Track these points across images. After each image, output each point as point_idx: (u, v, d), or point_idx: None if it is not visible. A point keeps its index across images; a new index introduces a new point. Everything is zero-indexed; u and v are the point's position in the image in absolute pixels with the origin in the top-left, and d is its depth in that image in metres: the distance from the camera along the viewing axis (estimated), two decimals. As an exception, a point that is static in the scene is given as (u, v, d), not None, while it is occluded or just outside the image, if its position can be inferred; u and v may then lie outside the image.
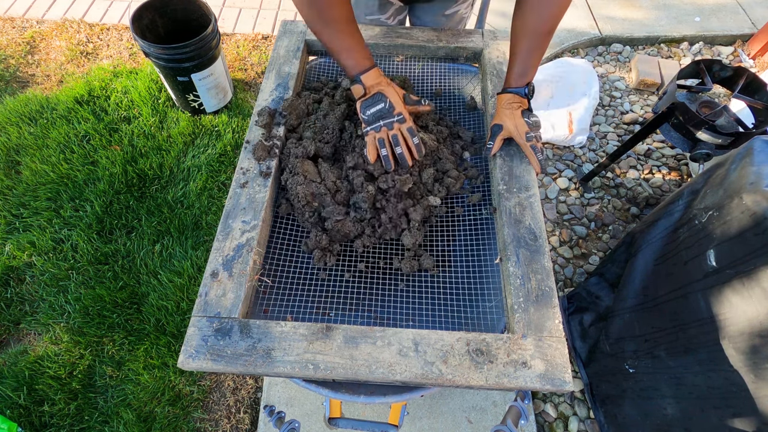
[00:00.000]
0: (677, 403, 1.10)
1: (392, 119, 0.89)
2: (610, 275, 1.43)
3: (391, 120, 0.89)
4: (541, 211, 0.89)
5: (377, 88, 0.91)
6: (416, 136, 0.90)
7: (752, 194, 0.87)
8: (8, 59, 2.46)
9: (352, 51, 0.90)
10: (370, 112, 0.90)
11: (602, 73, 2.42)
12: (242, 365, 0.70)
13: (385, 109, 0.89)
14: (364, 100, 0.91)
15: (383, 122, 0.90)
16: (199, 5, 2.00)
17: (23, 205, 1.87)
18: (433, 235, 0.96)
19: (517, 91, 0.95)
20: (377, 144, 0.90)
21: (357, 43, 0.91)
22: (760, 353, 0.87)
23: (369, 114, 0.90)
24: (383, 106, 0.89)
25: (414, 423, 1.44)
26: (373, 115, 0.90)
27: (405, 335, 0.73)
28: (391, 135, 0.90)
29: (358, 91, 0.92)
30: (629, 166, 2.05)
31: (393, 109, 0.90)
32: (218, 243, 0.84)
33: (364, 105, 0.90)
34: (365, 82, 0.91)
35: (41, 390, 1.46)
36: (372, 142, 0.91)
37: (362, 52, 0.92)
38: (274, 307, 0.85)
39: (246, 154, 0.97)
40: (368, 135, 0.91)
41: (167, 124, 2.15)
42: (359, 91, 0.92)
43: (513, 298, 0.78)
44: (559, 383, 0.69)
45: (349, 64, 0.91)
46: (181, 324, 1.58)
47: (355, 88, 0.92)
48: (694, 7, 2.70)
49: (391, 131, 0.90)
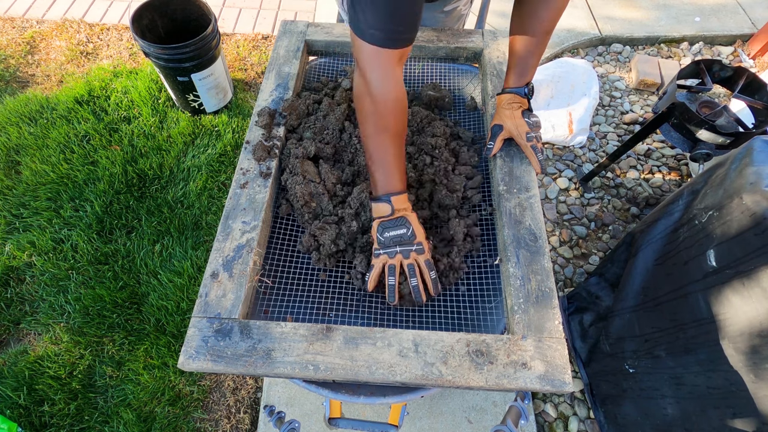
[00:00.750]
0: (677, 403, 1.10)
1: (411, 248, 0.82)
2: (610, 275, 1.43)
3: (410, 249, 0.82)
4: (541, 212, 0.89)
5: (403, 213, 0.84)
6: (434, 271, 0.83)
7: (752, 194, 0.87)
8: (8, 59, 2.46)
9: (393, 168, 0.84)
10: (389, 235, 0.82)
11: (602, 73, 2.42)
12: (242, 366, 0.70)
13: (406, 236, 0.82)
14: (384, 220, 0.84)
15: (400, 248, 0.82)
16: (199, 5, 2.00)
17: (23, 205, 1.87)
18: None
19: (517, 91, 0.95)
20: (386, 270, 0.83)
21: (400, 161, 0.85)
22: (760, 353, 0.87)
23: (387, 237, 0.83)
24: (405, 232, 0.82)
25: (414, 423, 1.44)
26: (390, 239, 0.82)
27: (405, 336, 0.73)
28: (407, 264, 0.82)
29: (383, 210, 0.84)
30: (629, 166, 2.05)
31: (414, 238, 0.82)
32: (218, 243, 0.84)
33: (384, 226, 0.83)
34: (395, 205, 0.83)
35: (41, 390, 1.46)
36: (379, 267, 0.83)
37: (402, 172, 0.85)
38: (274, 308, 0.85)
39: (246, 154, 0.97)
40: (379, 257, 0.83)
41: (167, 124, 2.15)
42: (385, 211, 0.83)
43: (513, 299, 0.78)
44: (559, 384, 0.69)
45: (385, 181, 0.84)
46: (181, 324, 1.59)
47: (380, 206, 0.84)
48: (694, 7, 2.70)
49: (407, 260, 0.82)
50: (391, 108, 0.81)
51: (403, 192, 0.85)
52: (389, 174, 0.84)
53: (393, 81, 0.79)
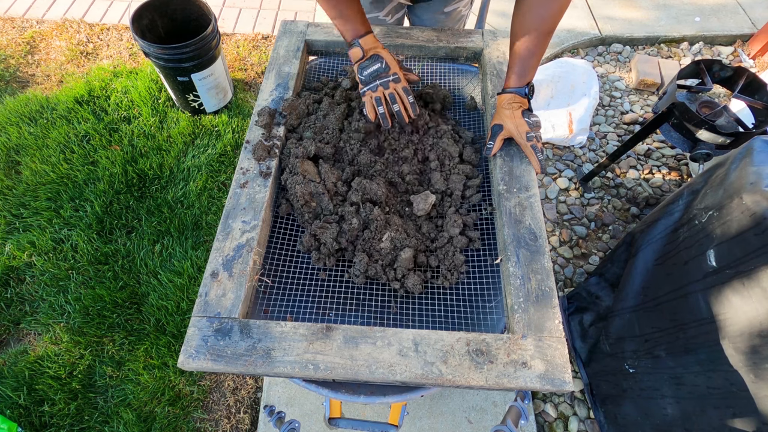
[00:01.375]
0: (677, 403, 1.10)
1: (388, 78, 0.93)
2: (610, 275, 1.43)
3: (387, 79, 0.93)
4: (541, 212, 0.89)
5: (374, 50, 0.95)
6: (411, 95, 0.94)
7: (752, 194, 0.87)
8: (8, 59, 2.46)
9: (351, 17, 0.94)
10: (367, 72, 0.94)
11: (602, 73, 2.42)
12: (242, 365, 0.70)
13: (381, 69, 0.93)
14: (361, 62, 0.95)
15: (379, 81, 0.93)
16: (199, 5, 2.00)
17: (23, 205, 1.87)
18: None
19: (518, 91, 0.95)
20: (374, 103, 0.94)
21: (356, 10, 0.95)
22: (760, 353, 0.87)
23: (366, 74, 0.94)
24: (380, 66, 0.93)
25: (414, 423, 1.44)
26: (369, 75, 0.94)
27: (405, 335, 0.73)
28: (388, 94, 0.94)
29: (356, 54, 0.95)
30: (629, 166, 2.05)
31: (389, 69, 0.94)
32: (218, 243, 0.84)
33: (362, 66, 0.94)
34: (363, 45, 0.95)
35: (41, 390, 1.46)
36: (369, 101, 0.95)
37: (361, 18, 0.96)
38: (274, 308, 0.85)
39: (246, 154, 0.97)
40: (365, 95, 0.95)
41: (167, 124, 2.15)
42: (357, 54, 0.95)
43: (513, 299, 0.78)
44: (559, 383, 0.69)
45: (348, 29, 0.95)
46: (181, 324, 1.58)
47: (353, 51, 0.96)
48: (694, 7, 2.70)
49: (387, 90, 0.94)
50: None
51: (368, 33, 0.96)
52: (350, 21, 0.95)
53: None
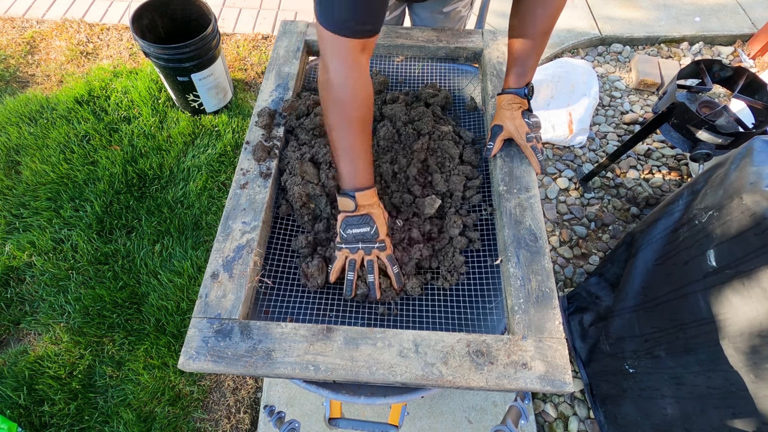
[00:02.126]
0: (677, 403, 1.10)
1: (373, 246, 0.83)
2: (610, 275, 1.43)
3: (372, 246, 0.83)
4: (541, 212, 0.89)
5: (367, 210, 0.83)
6: (396, 266, 0.84)
7: (752, 194, 0.87)
8: (8, 59, 2.46)
9: (358, 161, 0.82)
10: (351, 233, 0.83)
11: (602, 73, 2.42)
12: (243, 366, 0.70)
13: (369, 234, 0.82)
14: (349, 216, 0.83)
15: (362, 245, 0.83)
16: (199, 5, 2.00)
17: (23, 205, 1.87)
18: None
19: (517, 91, 0.95)
20: (347, 265, 0.84)
21: (365, 155, 0.83)
22: (760, 353, 0.87)
23: (350, 234, 0.83)
24: (368, 231, 0.82)
25: (414, 423, 1.44)
26: (353, 237, 0.83)
27: (405, 336, 0.73)
28: (366, 261, 0.83)
29: (346, 205, 0.83)
30: (629, 166, 2.05)
31: (377, 236, 0.83)
32: (218, 244, 0.84)
33: (347, 222, 0.83)
34: (358, 201, 0.82)
35: (41, 390, 1.46)
36: (341, 261, 0.84)
37: (368, 166, 0.84)
38: (274, 309, 0.85)
39: (246, 154, 0.97)
40: (341, 251, 0.84)
41: (167, 124, 2.15)
42: (348, 206, 0.83)
43: (513, 299, 0.78)
44: (560, 384, 0.69)
45: (349, 173, 0.83)
46: (181, 324, 1.59)
47: (344, 200, 0.83)
48: (694, 7, 2.70)
49: (368, 257, 0.83)
50: (352, 99, 0.79)
51: (369, 188, 0.83)
52: (354, 168, 0.83)
53: (356, 71, 0.78)
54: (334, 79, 0.78)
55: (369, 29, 0.75)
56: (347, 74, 0.78)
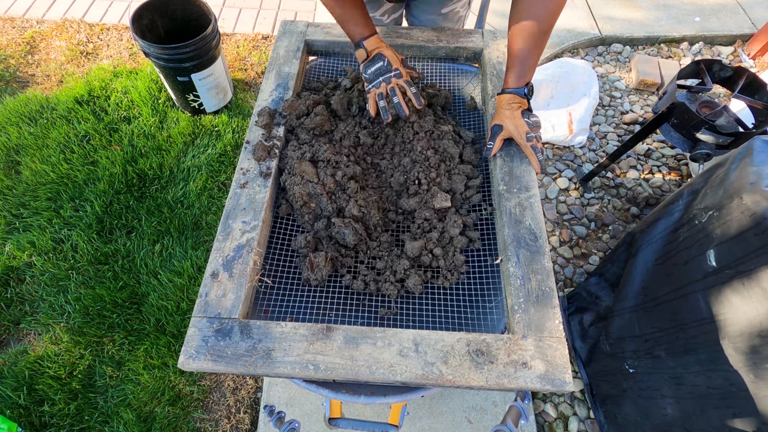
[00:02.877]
0: (677, 403, 1.10)
1: (390, 74, 0.99)
2: (610, 275, 1.43)
3: (389, 75, 0.99)
4: (541, 212, 0.89)
5: (377, 50, 1.01)
6: (414, 87, 0.99)
7: (752, 194, 0.87)
8: (8, 59, 2.46)
9: (357, 20, 1.00)
10: (371, 71, 1.00)
11: (602, 73, 2.42)
12: (243, 366, 0.70)
13: (383, 67, 0.99)
14: (366, 62, 1.01)
15: (382, 78, 0.99)
16: (199, 5, 2.00)
17: (23, 205, 1.87)
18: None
19: (517, 91, 0.95)
20: (377, 98, 0.99)
21: (361, 13, 1.00)
22: (760, 353, 0.87)
23: (370, 72, 1.00)
24: (382, 64, 0.99)
25: (414, 423, 1.44)
26: (373, 73, 1.00)
27: (405, 336, 0.73)
28: (389, 88, 0.99)
29: (361, 55, 1.01)
30: (629, 166, 2.05)
31: (391, 66, 0.99)
32: (218, 243, 0.84)
33: (366, 66, 1.01)
34: (367, 47, 1.01)
35: (41, 390, 1.46)
36: (373, 98, 1.00)
37: (366, 20, 1.01)
38: (274, 308, 0.85)
39: (246, 154, 0.97)
40: (370, 93, 1.01)
41: (167, 124, 2.15)
42: (362, 55, 1.01)
43: (513, 299, 0.78)
44: (560, 384, 0.69)
45: (354, 31, 1.01)
46: (181, 324, 1.58)
47: (358, 52, 1.02)
48: (694, 7, 2.70)
49: (389, 85, 0.99)
50: None
51: (371, 35, 1.02)
52: (355, 24, 1.01)
53: None
54: None
55: None
56: None
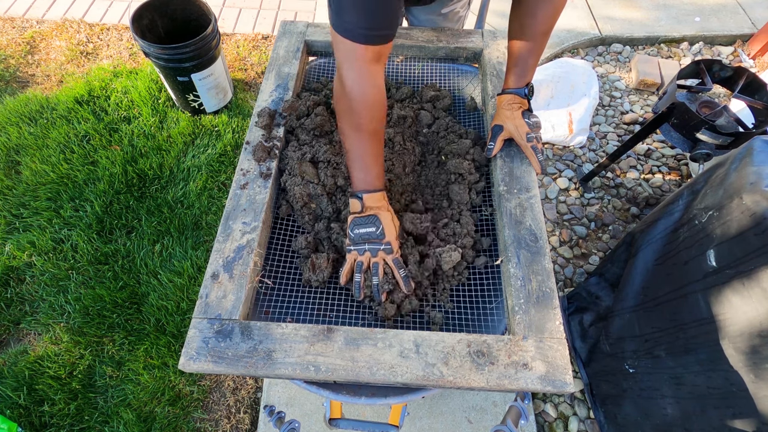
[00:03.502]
0: (677, 403, 1.10)
1: (378, 246, 0.83)
2: (610, 275, 1.43)
3: (377, 247, 0.83)
4: (541, 212, 0.89)
5: (375, 211, 0.85)
6: (404, 269, 0.84)
7: (752, 194, 0.87)
8: (8, 59, 2.46)
9: (367, 166, 0.85)
10: (358, 233, 0.84)
11: (602, 73, 2.42)
12: (243, 367, 0.70)
13: (374, 234, 0.83)
14: (357, 217, 0.85)
15: (368, 246, 0.84)
16: (199, 5, 2.00)
17: (23, 205, 1.87)
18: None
19: (517, 91, 0.95)
20: (354, 267, 0.85)
21: (375, 159, 0.86)
22: (760, 353, 0.87)
23: (356, 234, 0.84)
24: (373, 231, 0.83)
25: (414, 423, 1.44)
26: (360, 237, 0.84)
27: (406, 337, 0.73)
28: (372, 263, 0.84)
29: (355, 206, 0.86)
30: (629, 166, 2.05)
31: (383, 237, 0.83)
32: (218, 244, 0.84)
33: (355, 222, 0.85)
34: (366, 202, 0.85)
35: (41, 390, 1.46)
36: (350, 263, 0.85)
37: (379, 171, 0.87)
38: (274, 309, 0.85)
39: (246, 155, 0.97)
40: (350, 253, 0.85)
41: (167, 124, 2.15)
42: (356, 206, 0.86)
43: (514, 300, 0.78)
44: (560, 384, 0.69)
45: (360, 178, 0.86)
46: (181, 324, 1.58)
47: (353, 202, 0.86)
48: (694, 7, 2.70)
49: (374, 259, 0.84)
50: (365, 106, 0.81)
51: (378, 190, 0.86)
52: (363, 171, 0.85)
53: (369, 79, 0.79)
54: (348, 87, 0.79)
55: (383, 35, 0.76)
56: (361, 83, 0.79)
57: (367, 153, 0.85)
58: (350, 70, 0.78)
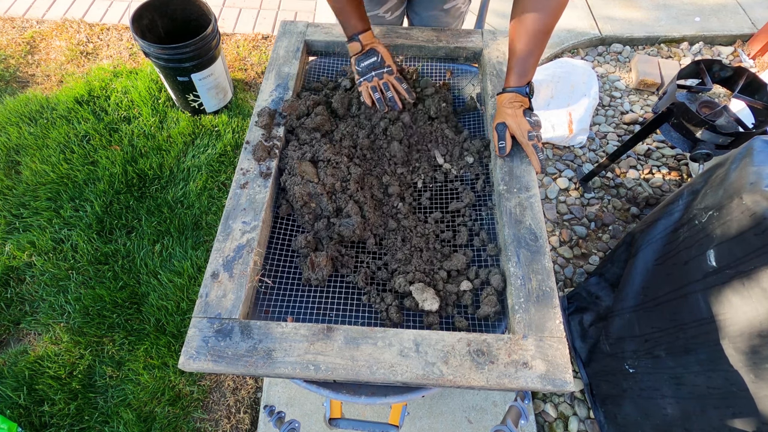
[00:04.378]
0: (677, 403, 1.10)
1: (382, 70, 1.03)
2: (610, 275, 1.43)
3: (382, 71, 1.03)
4: (541, 212, 0.89)
5: (371, 45, 1.04)
6: (404, 83, 1.04)
7: (752, 194, 0.87)
8: (8, 59, 2.46)
9: (355, 13, 1.02)
10: (364, 65, 1.03)
11: (602, 73, 2.42)
12: (243, 366, 0.70)
13: (377, 62, 1.03)
14: (358, 55, 1.04)
15: (374, 72, 1.03)
16: (199, 5, 2.00)
17: (23, 205, 1.87)
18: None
19: (518, 90, 0.95)
20: (371, 92, 1.03)
21: (357, 7, 1.03)
22: (760, 353, 0.87)
23: (363, 66, 1.03)
24: (375, 59, 1.03)
25: (414, 423, 1.44)
26: (366, 67, 1.03)
27: (406, 336, 0.73)
28: (382, 83, 1.03)
29: (354, 47, 1.05)
30: (629, 166, 2.05)
31: (384, 62, 1.03)
32: (218, 244, 0.84)
33: (359, 59, 1.04)
34: (363, 41, 1.04)
35: (41, 390, 1.46)
36: (366, 90, 1.04)
37: (363, 15, 1.04)
38: (274, 308, 0.85)
39: (246, 154, 0.97)
40: (362, 85, 1.04)
41: (167, 124, 2.15)
42: (356, 48, 1.05)
43: (514, 299, 0.78)
44: (560, 384, 0.69)
45: (350, 24, 1.04)
46: (181, 324, 1.58)
47: (352, 45, 1.05)
48: (694, 7, 2.70)
49: (382, 80, 1.03)
50: None
51: (366, 30, 1.05)
52: (351, 19, 1.03)
53: None
54: None
55: None
56: None
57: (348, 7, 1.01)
58: None
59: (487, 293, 0.83)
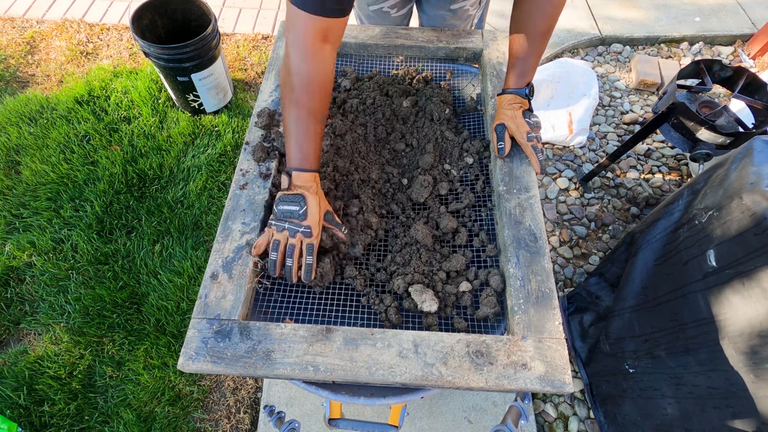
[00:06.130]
0: (677, 403, 1.10)
1: (298, 228, 0.81)
2: (610, 275, 1.42)
3: (297, 229, 0.81)
4: (541, 213, 0.89)
5: (302, 190, 0.83)
6: (311, 257, 0.81)
7: (752, 194, 0.87)
8: (8, 59, 2.46)
9: (300, 144, 0.84)
10: (282, 209, 0.82)
11: (602, 73, 2.42)
12: (242, 367, 0.70)
13: (297, 213, 0.81)
14: (284, 194, 0.83)
15: (288, 225, 0.81)
16: (199, 5, 2.00)
17: (23, 205, 1.87)
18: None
19: (518, 91, 0.95)
20: (271, 242, 0.82)
21: (309, 139, 0.84)
22: (760, 353, 0.87)
23: (280, 209, 0.82)
24: (296, 210, 0.81)
25: (414, 423, 1.44)
26: (282, 213, 0.82)
27: (405, 337, 0.73)
28: (289, 243, 0.81)
29: (284, 182, 0.86)
30: (629, 166, 2.05)
31: (304, 218, 0.81)
32: (218, 244, 0.84)
33: (281, 199, 0.83)
34: (294, 180, 0.84)
35: (41, 390, 1.46)
36: (266, 237, 0.83)
37: (312, 150, 0.85)
38: (273, 309, 0.85)
39: (246, 155, 0.97)
40: (270, 227, 0.83)
41: (167, 124, 2.15)
42: (285, 183, 0.85)
43: (513, 300, 0.78)
44: (560, 385, 0.69)
45: (292, 154, 0.85)
46: (181, 324, 1.59)
47: (283, 178, 0.86)
48: (694, 7, 2.70)
49: (292, 239, 0.81)
50: (304, 84, 0.81)
51: (308, 170, 0.84)
52: (296, 148, 0.84)
53: (313, 57, 0.79)
54: (292, 61, 0.80)
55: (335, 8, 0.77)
56: (305, 59, 0.79)
57: (302, 131, 0.83)
58: (296, 44, 0.79)
59: (487, 294, 0.83)
